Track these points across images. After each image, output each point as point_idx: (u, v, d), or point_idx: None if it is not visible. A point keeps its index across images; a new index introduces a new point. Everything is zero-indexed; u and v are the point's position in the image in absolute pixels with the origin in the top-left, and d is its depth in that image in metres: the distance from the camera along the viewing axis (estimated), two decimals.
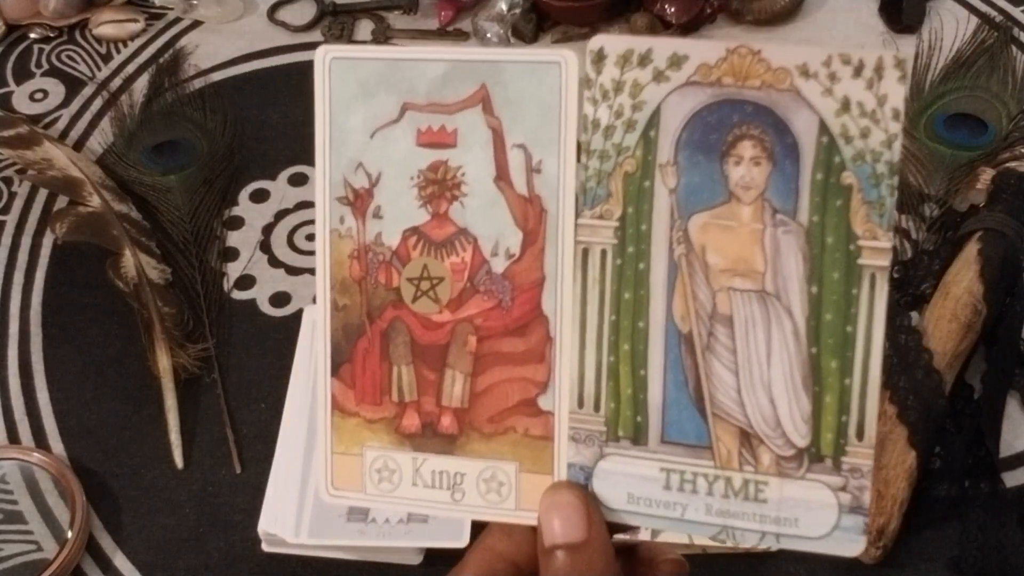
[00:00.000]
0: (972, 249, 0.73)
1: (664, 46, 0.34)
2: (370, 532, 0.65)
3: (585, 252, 0.36)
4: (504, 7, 0.94)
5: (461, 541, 0.64)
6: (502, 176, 0.36)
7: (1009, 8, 0.97)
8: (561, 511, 0.36)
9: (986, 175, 0.79)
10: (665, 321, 0.36)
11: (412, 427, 0.38)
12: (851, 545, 0.35)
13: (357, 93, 0.37)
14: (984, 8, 0.97)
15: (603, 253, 0.36)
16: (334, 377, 0.39)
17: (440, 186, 0.37)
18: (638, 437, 0.36)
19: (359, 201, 0.38)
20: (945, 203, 0.81)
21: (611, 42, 0.35)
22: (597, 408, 0.36)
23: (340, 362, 0.39)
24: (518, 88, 0.36)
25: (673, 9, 0.93)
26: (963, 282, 0.71)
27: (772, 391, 0.35)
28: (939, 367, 0.68)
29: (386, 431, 0.38)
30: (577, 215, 0.36)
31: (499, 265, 0.37)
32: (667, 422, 0.36)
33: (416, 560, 0.67)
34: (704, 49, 0.34)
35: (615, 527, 0.37)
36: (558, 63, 0.36)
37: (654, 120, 0.35)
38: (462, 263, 0.37)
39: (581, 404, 0.37)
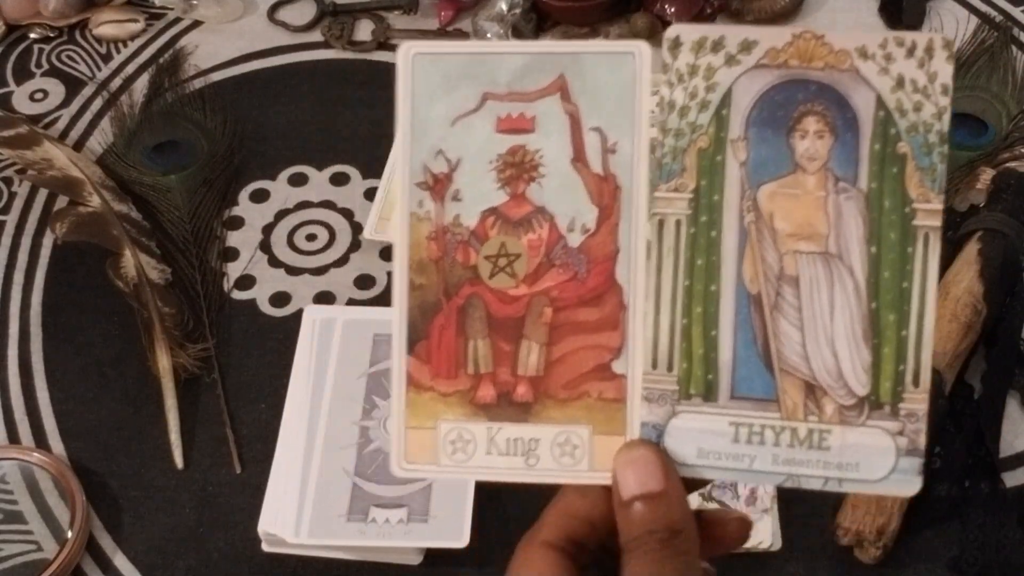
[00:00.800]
0: (972, 249, 0.73)
1: (735, 33, 0.38)
2: (370, 532, 0.65)
3: (661, 223, 0.38)
4: (504, 7, 0.94)
5: (461, 541, 0.64)
6: (579, 157, 0.39)
7: (1009, 8, 0.97)
8: (637, 465, 0.37)
9: (986, 175, 0.79)
10: (735, 284, 0.38)
11: (487, 398, 0.40)
12: (908, 485, 0.37)
13: (439, 85, 0.39)
14: (984, 8, 0.97)
15: (678, 223, 0.38)
16: (410, 355, 0.40)
17: (518, 168, 0.39)
18: (709, 394, 0.38)
19: (438, 186, 0.40)
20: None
21: (686, 30, 0.38)
22: (670, 368, 0.39)
23: (416, 339, 0.40)
24: (595, 77, 0.39)
25: (673, 9, 0.93)
26: (963, 282, 0.71)
27: (835, 345, 0.37)
28: (939, 367, 0.68)
29: (460, 403, 0.40)
30: (652, 189, 0.38)
31: (575, 240, 0.39)
32: (736, 379, 0.38)
33: (416, 560, 0.67)
34: (772, 35, 0.38)
35: (687, 482, 0.38)
36: (632, 53, 0.39)
37: (726, 100, 0.38)
38: (539, 239, 0.39)
39: (655, 365, 0.39)
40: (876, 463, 0.37)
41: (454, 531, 0.64)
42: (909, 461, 0.37)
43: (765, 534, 0.64)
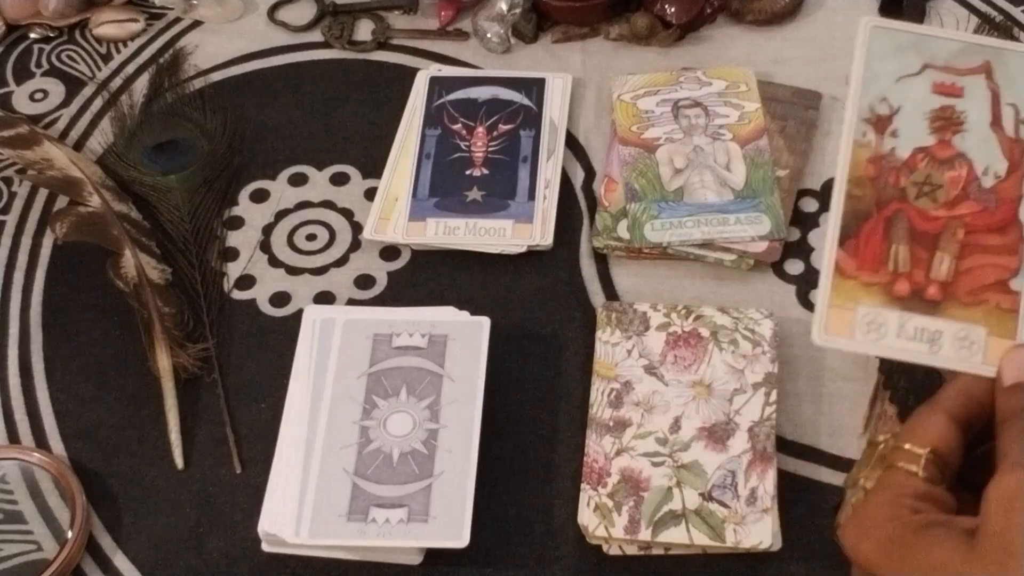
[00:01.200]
0: None
1: None
2: (370, 532, 0.65)
3: None
4: (504, 7, 0.94)
5: (461, 541, 0.64)
6: (996, 122, 0.51)
7: (1009, 8, 0.97)
8: (1020, 361, 0.47)
9: None
10: None
11: (903, 292, 0.50)
12: None
13: (890, 50, 0.52)
14: (984, 8, 0.97)
15: None
16: (840, 248, 0.51)
17: (947, 122, 0.51)
18: None
19: (880, 123, 0.51)
20: None
21: None
22: None
23: (846, 237, 0.51)
24: (1016, 67, 0.51)
25: (673, 9, 0.93)
26: None
27: None
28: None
29: (879, 293, 0.50)
30: None
31: (988, 182, 0.51)
32: None
33: (416, 560, 0.67)
34: None
35: None
36: None
37: None
38: (959, 176, 0.51)
39: None
40: None
41: (454, 531, 0.64)
42: None
43: (765, 534, 0.64)
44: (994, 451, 0.45)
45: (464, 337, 0.72)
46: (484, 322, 0.73)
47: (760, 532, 0.65)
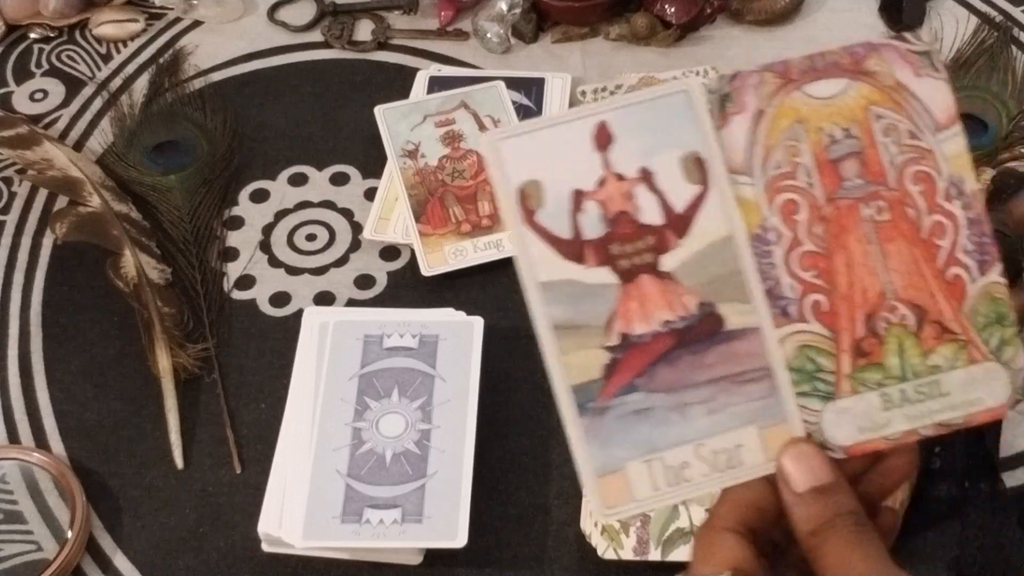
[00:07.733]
0: None
1: None
2: (364, 533, 0.64)
3: None
4: (504, 7, 0.94)
5: (457, 541, 0.64)
6: (481, 128, 0.73)
7: (1009, 8, 0.97)
8: (804, 461, 0.41)
9: (986, 175, 0.79)
10: None
11: (467, 229, 0.80)
12: None
13: (399, 117, 0.71)
14: (984, 8, 0.97)
15: None
16: (418, 223, 0.80)
17: (453, 138, 0.73)
18: None
19: (412, 154, 0.79)
20: None
21: None
22: None
23: (419, 216, 0.80)
24: (478, 98, 0.64)
25: (673, 9, 0.93)
26: None
27: None
28: None
29: (453, 235, 0.80)
30: None
31: None
32: None
33: (416, 560, 0.67)
34: None
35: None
36: None
37: None
38: (473, 162, 0.83)
39: None
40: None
41: (449, 531, 0.64)
42: None
43: None
44: (811, 566, 0.41)
45: (455, 337, 0.72)
46: (476, 322, 0.73)
47: None
